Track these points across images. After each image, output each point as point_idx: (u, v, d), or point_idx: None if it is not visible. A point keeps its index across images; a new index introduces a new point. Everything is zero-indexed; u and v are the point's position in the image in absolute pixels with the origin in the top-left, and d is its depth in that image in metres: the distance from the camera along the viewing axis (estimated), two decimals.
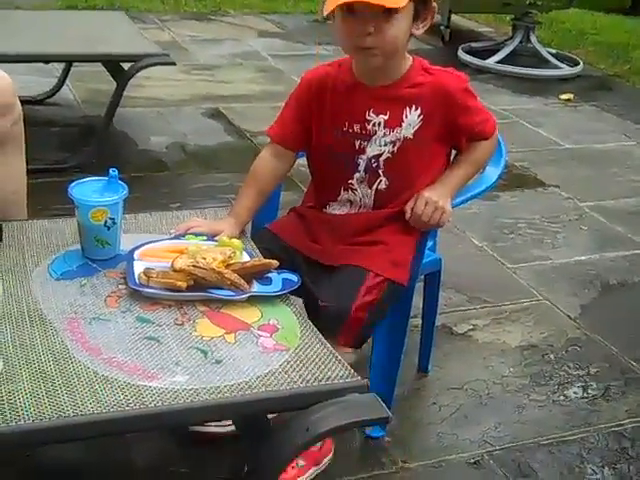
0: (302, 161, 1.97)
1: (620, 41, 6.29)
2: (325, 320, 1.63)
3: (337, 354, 1.43)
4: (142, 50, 3.38)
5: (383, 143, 1.79)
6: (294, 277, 1.63)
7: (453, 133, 1.83)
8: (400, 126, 1.78)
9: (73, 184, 1.65)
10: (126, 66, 3.34)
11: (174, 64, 3.41)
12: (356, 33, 1.67)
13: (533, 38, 5.52)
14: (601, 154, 4.08)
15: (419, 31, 1.74)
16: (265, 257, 1.68)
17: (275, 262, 1.63)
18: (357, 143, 1.80)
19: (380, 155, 1.80)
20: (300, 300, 1.65)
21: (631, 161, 4.00)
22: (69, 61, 3.84)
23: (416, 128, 1.78)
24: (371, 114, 1.78)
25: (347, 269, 1.77)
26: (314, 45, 5.47)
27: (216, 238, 1.72)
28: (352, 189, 1.85)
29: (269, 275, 1.62)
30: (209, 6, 6.40)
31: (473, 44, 5.70)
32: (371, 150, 1.80)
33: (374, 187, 1.83)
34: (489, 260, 2.93)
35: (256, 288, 1.58)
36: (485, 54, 5.42)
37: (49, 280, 1.58)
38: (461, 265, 2.78)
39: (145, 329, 1.45)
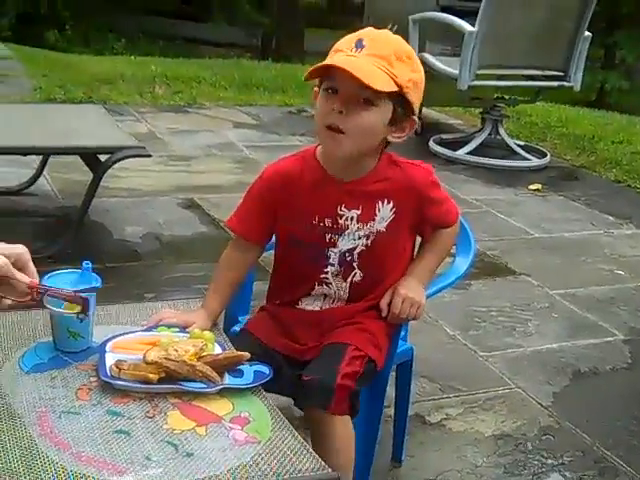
0: None
1: (585, 133, 6.48)
2: (312, 393, 1.69)
3: (308, 447, 1.43)
4: (118, 142, 3.44)
5: (357, 237, 1.80)
6: (266, 369, 1.64)
7: (421, 223, 1.87)
8: (373, 220, 1.80)
9: (46, 276, 1.66)
10: (103, 158, 3.39)
11: (150, 156, 3.47)
12: (329, 110, 1.68)
13: (502, 130, 5.69)
14: (570, 243, 4.17)
15: (394, 139, 1.75)
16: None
17: (247, 354, 1.64)
18: (328, 236, 1.80)
19: (354, 249, 1.81)
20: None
21: (599, 249, 4.08)
22: (46, 154, 3.89)
23: (389, 221, 1.81)
24: (343, 209, 1.79)
25: (327, 347, 1.79)
26: (288, 136, 5.60)
27: (188, 330, 1.73)
28: (327, 283, 1.84)
29: (240, 367, 1.63)
30: (185, 99, 6.54)
31: (444, 136, 5.85)
32: (344, 244, 1.81)
33: (349, 280, 1.84)
34: (461, 349, 2.95)
35: (228, 380, 1.58)
36: (455, 145, 5.57)
37: (19, 374, 1.57)
38: (434, 354, 2.79)
39: (115, 422, 1.44)
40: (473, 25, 5.12)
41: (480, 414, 2.53)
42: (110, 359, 1.58)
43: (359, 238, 1.80)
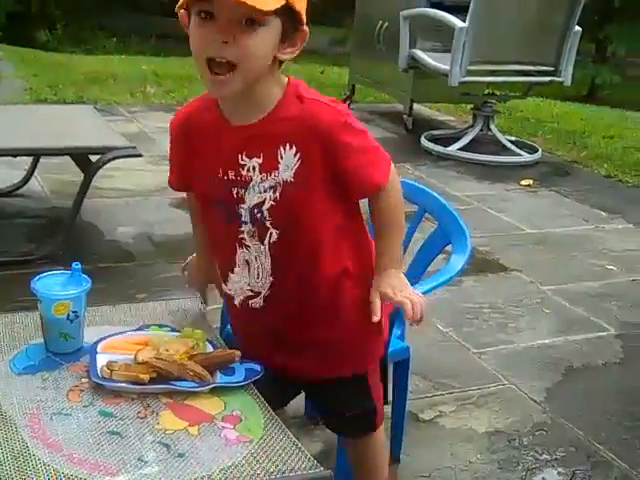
0: None
1: (576, 128, 6.50)
2: (359, 424, 1.78)
3: (301, 445, 1.43)
4: (109, 143, 3.44)
5: (262, 189, 1.55)
6: (257, 367, 1.63)
7: (339, 175, 1.56)
8: (277, 169, 1.53)
9: (36, 278, 1.66)
10: (94, 158, 3.39)
11: (140, 156, 3.47)
12: (211, 40, 1.43)
13: (493, 126, 5.70)
14: (561, 238, 4.18)
15: (286, 56, 1.50)
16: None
17: (238, 352, 1.64)
18: (234, 191, 1.57)
19: (262, 203, 1.56)
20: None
21: (590, 245, 4.10)
22: (37, 155, 3.89)
23: (295, 169, 1.53)
24: (244, 158, 1.54)
25: (345, 382, 1.72)
26: None
27: (179, 329, 1.73)
28: (245, 245, 1.62)
29: (232, 365, 1.63)
30: (177, 98, 6.53)
31: (435, 132, 5.86)
32: (250, 199, 1.57)
33: (266, 241, 1.60)
34: (454, 345, 2.95)
35: (219, 379, 1.58)
36: (447, 142, 5.57)
37: (10, 375, 1.56)
38: (426, 351, 2.80)
39: (107, 423, 1.44)
40: (464, 21, 5.12)
41: (473, 411, 2.54)
42: (101, 360, 1.58)
43: (264, 191, 1.55)
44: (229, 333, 2.07)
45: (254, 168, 1.54)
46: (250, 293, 1.67)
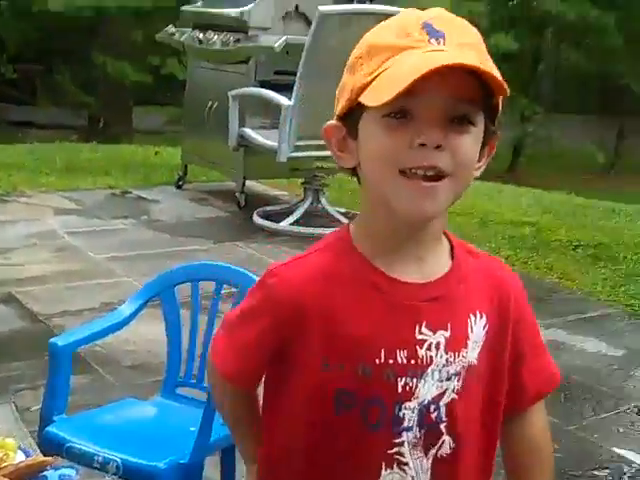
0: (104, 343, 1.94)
1: None
2: None
3: None
4: None
5: (445, 376, 1.12)
6: (72, 472, 1.60)
7: (515, 361, 1.19)
8: (466, 346, 1.13)
9: None
10: None
11: None
12: (411, 147, 1.04)
13: (323, 199, 5.87)
14: None
15: (478, 171, 1.13)
16: None
17: (50, 459, 1.60)
18: (401, 383, 1.10)
19: (440, 396, 1.12)
20: None
21: None
22: None
23: (480, 348, 1.14)
24: (424, 330, 1.11)
25: None
26: (111, 219, 5.55)
27: None
28: (400, 463, 1.12)
29: (45, 473, 1.59)
30: (4, 187, 6.34)
31: (268, 208, 5.96)
32: (426, 391, 1.11)
33: (431, 453, 1.13)
34: None
35: None
36: (280, 217, 5.68)
37: None
38: None
39: None
40: (289, 99, 5.29)
41: None
42: None
43: (448, 379, 1.12)
44: (48, 435, 2.02)
45: (438, 345, 1.11)
46: None
